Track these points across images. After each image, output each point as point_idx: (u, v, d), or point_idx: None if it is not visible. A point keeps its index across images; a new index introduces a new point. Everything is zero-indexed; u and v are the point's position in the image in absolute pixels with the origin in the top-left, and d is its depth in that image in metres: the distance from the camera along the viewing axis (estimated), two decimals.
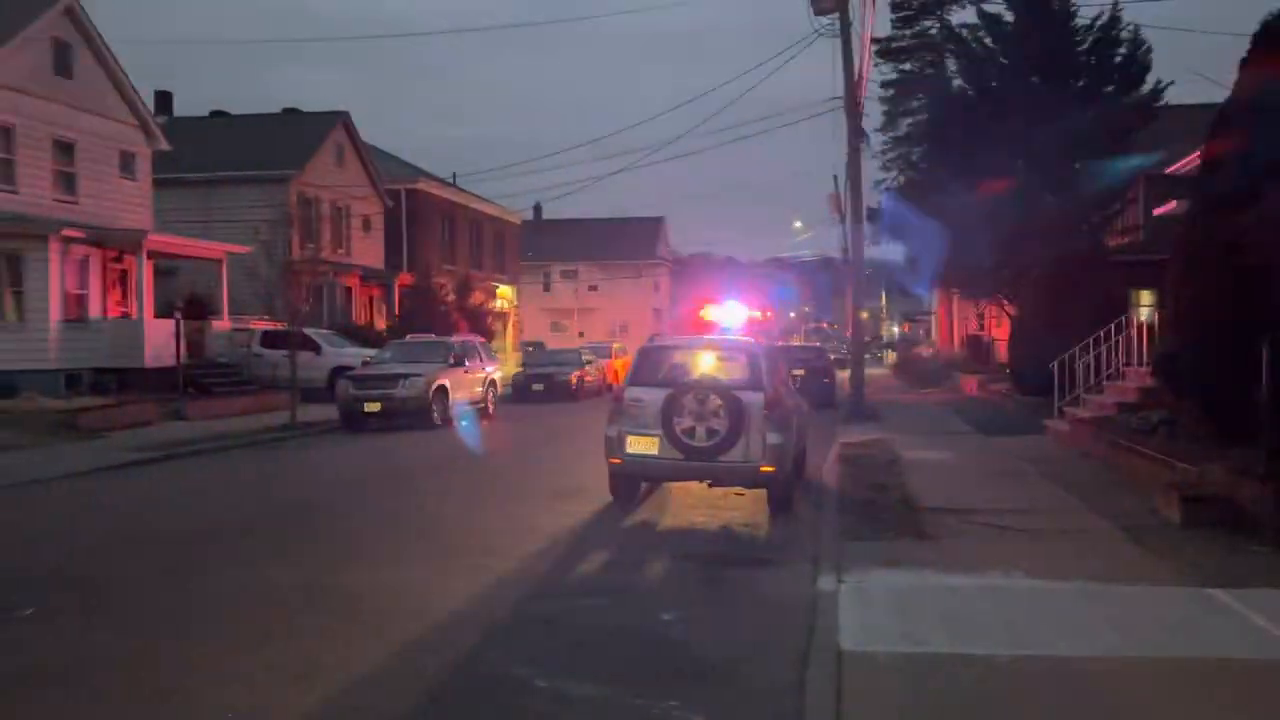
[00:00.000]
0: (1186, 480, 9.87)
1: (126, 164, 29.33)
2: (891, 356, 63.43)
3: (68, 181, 27.15)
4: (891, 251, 38.90)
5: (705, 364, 11.47)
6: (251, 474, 15.14)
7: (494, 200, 47.60)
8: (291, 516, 11.15)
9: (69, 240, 24.68)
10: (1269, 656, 5.67)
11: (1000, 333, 31.93)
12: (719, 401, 10.46)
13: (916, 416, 22.71)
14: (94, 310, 25.38)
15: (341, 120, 38.81)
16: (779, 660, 5.87)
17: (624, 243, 74.57)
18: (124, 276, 28.03)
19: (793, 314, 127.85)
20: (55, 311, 23.94)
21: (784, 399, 11.30)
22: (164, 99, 39.44)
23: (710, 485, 11.40)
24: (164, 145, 30.50)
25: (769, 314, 68.83)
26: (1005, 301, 27.95)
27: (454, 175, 46.67)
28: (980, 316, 38.60)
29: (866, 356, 29.58)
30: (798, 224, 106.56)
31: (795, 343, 73.51)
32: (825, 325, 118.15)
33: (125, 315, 26.90)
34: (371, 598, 7.32)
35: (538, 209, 67.86)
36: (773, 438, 10.57)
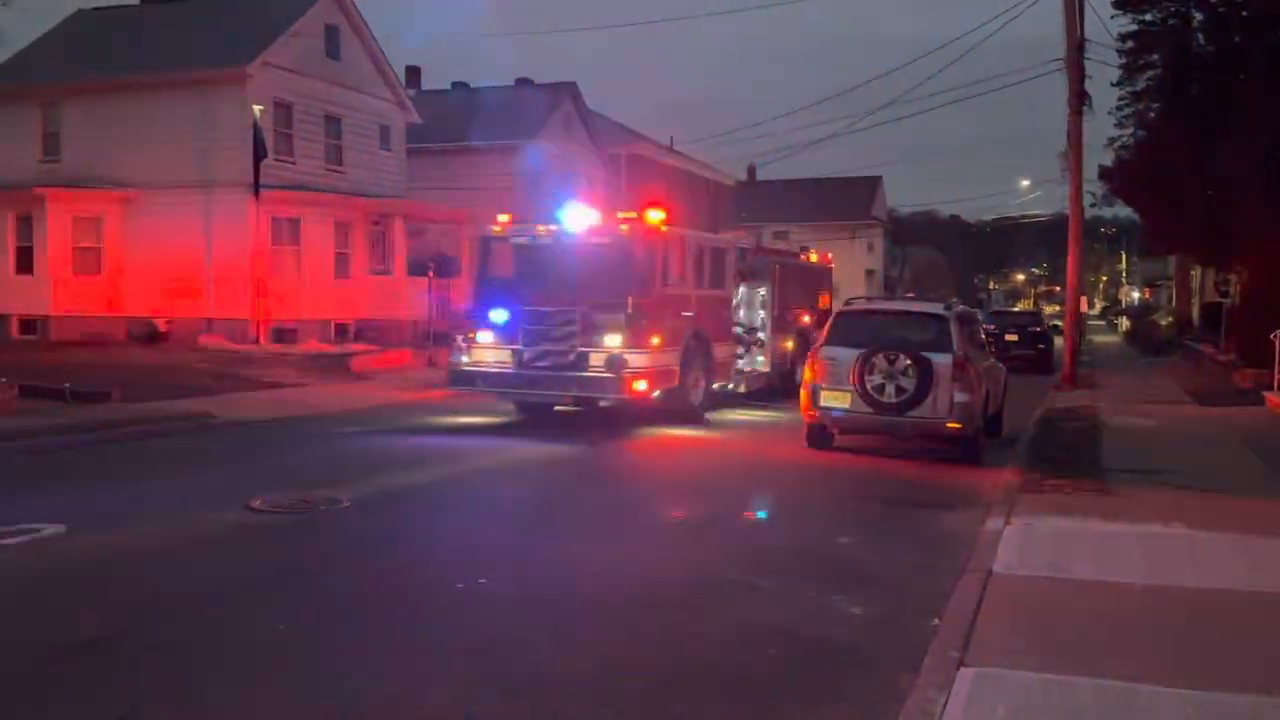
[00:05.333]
0: None
1: (384, 136, 32.65)
2: (1125, 323, 60.16)
3: (335, 153, 30.66)
4: (1130, 212, 37.11)
5: (897, 327, 12.31)
6: None
7: (710, 163, 48.87)
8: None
9: (338, 207, 28.10)
10: None
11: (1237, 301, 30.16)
12: (908, 361, 11.34)
13: (1134, 383, 22.28)
14: (356, 268, 28.77)
15: (568, 91, 41.08)
16: (934, 577, 6.90)
17: (838, 203, 73.97)
18: (381, 238, 31.45)
19: (1020, 276, 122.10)
20: (330, 269, 27.49)
21: (973, 361, 11.99)
22: (413, 74, 42.98)
23: (896, 438, 12.29)
24: (415, 118, 33.69)
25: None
26: (1239, 268, 26.52)
27: (670, 139, 48.28)
28: (1219, 283, 36.37)
29: (1101, 323, 28.82)
30: (1025, 182, 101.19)
31: (1017, 308, 70.65)
32: (1057, 290, 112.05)
33: (384, 273, 30.29)
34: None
35: (752, 170, 68.55)
36: (960, 396, 11.35)
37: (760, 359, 17.55)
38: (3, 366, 13.84)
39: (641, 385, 12.95)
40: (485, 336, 13.60)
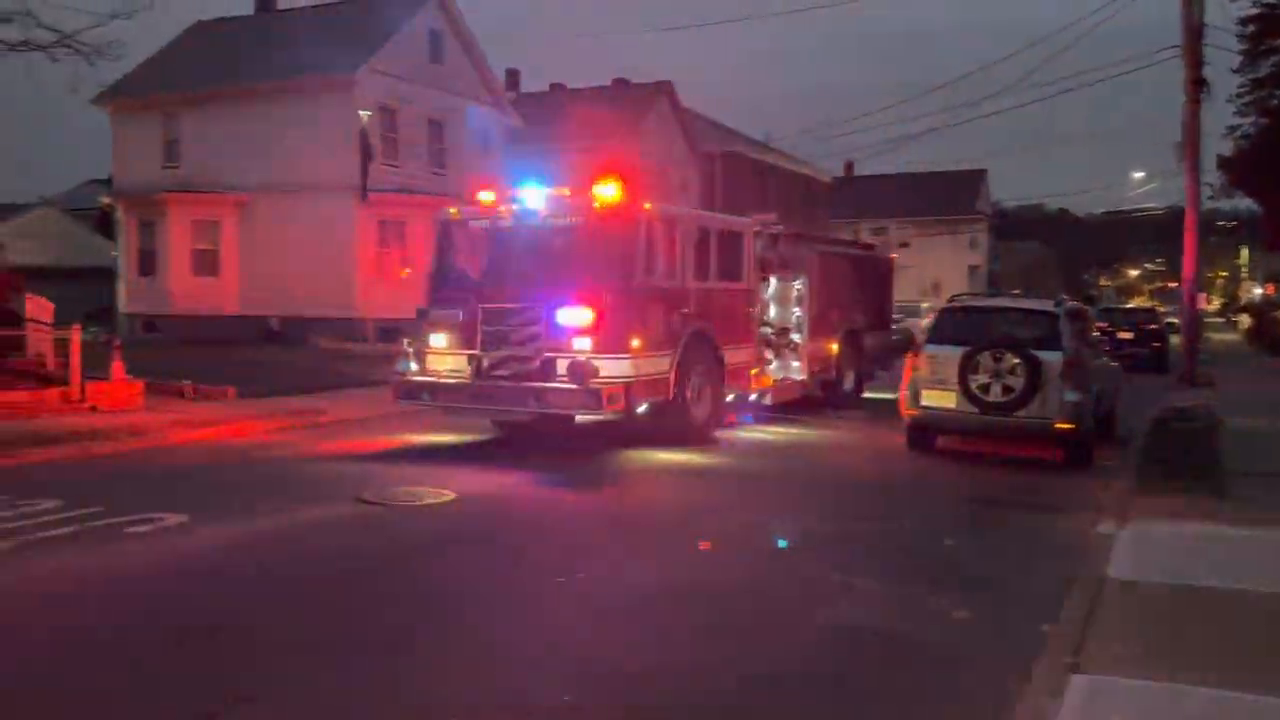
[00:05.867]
0: None
1: (485, 139, 33.26)
2: (1245, 321, 57.34)
3: (438, 156, 31.37)
4: (1250, 204, 35.39)
5: (1004, 324, 11.99)
6: None
7: (806, 160, 48.39)
8: None
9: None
10: None
11: None
12: (1015, 360, 11.04)
13: (1255, 384, 21.24)
14: None
15: (664, 90, 41.18)
16: (1045, 581, 6.71)
17: (940, 198, 72.34)
18: None
19: (1134, 271, 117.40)
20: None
21: (1084, 360, 11.61)
22: (513, 76, 43.71)
23: (1003, 439, 11.96)
24: (515, 120, 34.27)
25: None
26: None
27: (767, 135, 47.97)
28: None
29: (1220, 320, 27.62)
30: (1138, 174, 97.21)
31: (1130, 304, 67.98)
32: (1173, 286, 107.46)
33: None
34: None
35: (849, 166, 67.62)
36: (1070, 395, 10.99)
37: (795, 364, 14.74)
38: (129, 364, 14.57)
39: (617, 398, 10.47)
40: (439, 340, 11.47)
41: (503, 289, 11.29)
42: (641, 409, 10.94)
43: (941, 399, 11.54)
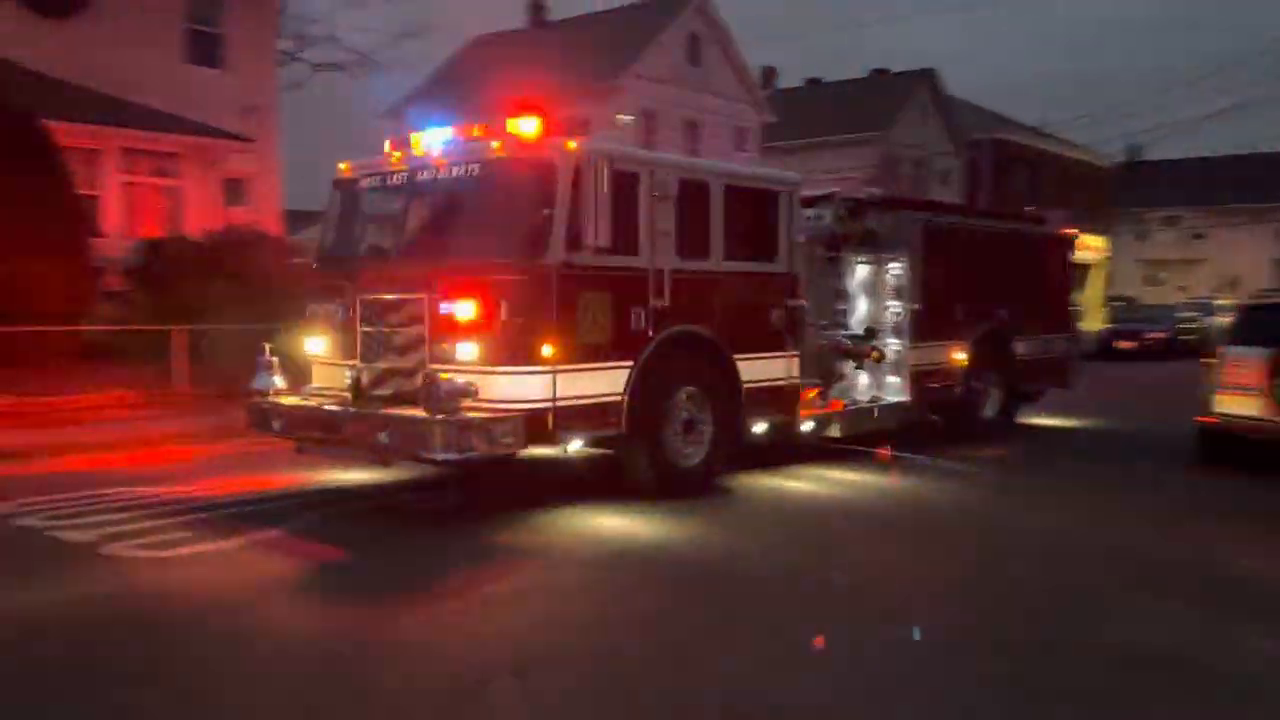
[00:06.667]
0: None
1: (740, 137, 33.58)
2: None
3: (691, 156, 32.05)
4: None
5: None
6: None
7: (1085, 145, 45.19)
8: None
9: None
10: None
11: None
12: None
13: None
14: None
15: (927, 78, 39.77)
16: None
17: (1243, 183, 65.19)
18: None
19: None
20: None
21: None
22: (768, 74, 43.67)
23: None
24: (770, 117, 34.38)
25: None
26: None
27: (1040, 121, 45.16)
28: None
29: None
30: None
31: None
32: None
33: None
34: None
35: (1134, 151, 62.35)
36: None
37: (892, 381, 10.46)
38: None
39: (509, 434, 6.83)
40: (317, 345, 8.12)
41: (386, 273, 7.75)
42: (575, 445, 7.48)
43: (1243, 406, 10.47)
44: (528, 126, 7.27)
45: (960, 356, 10.97)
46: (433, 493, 8.43)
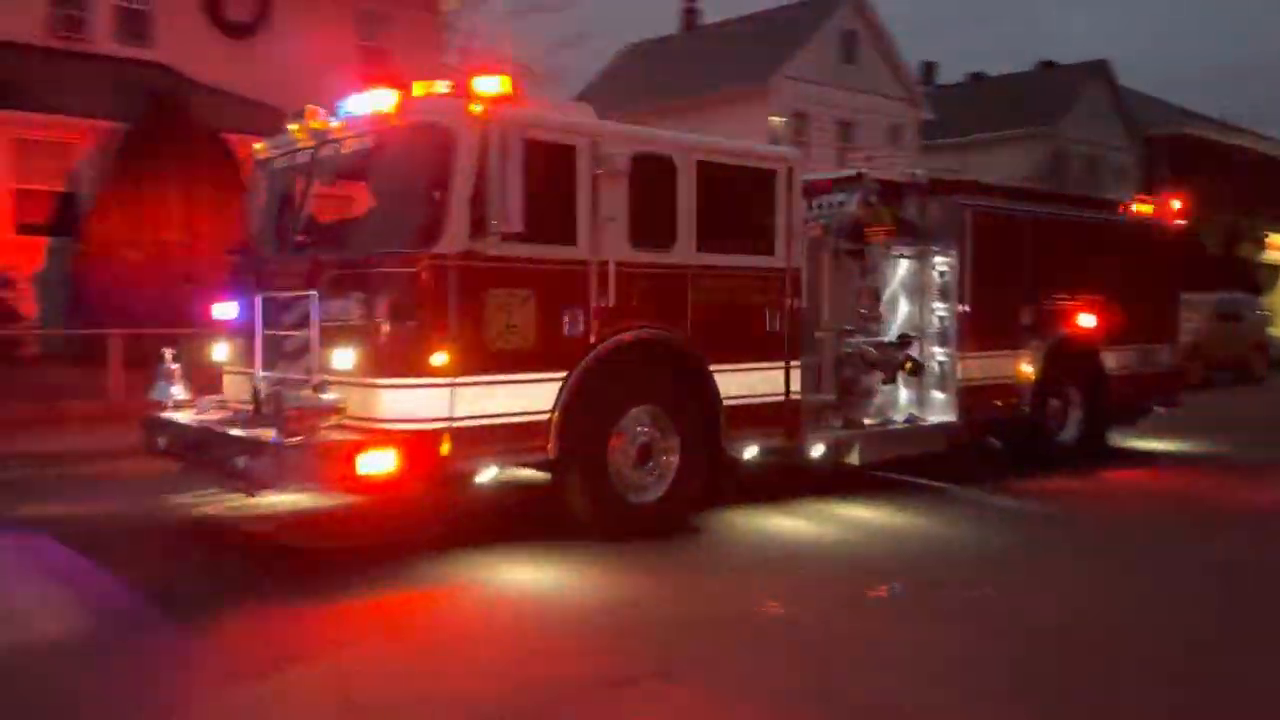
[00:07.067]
0: None
1: (895, 136, 32.25)
2: None
3: (842, 157, 31.00)
4: None
5: None
6: None
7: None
8: None
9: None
10: None
11: None
12: None
13: None
14: None
15: (1099, 70, 36.97)
16: None
17: None
18: None
19: None
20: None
21: None
22: (928, 69, 41.66)
23: None
24: (928, 115, 32.83)
25: None
26: None
27: (1222, 112, 41.10)
28: None
29: None
30: None
31: None
32: None
33: None
34: None
35: None
36: None
37: (939, 397, 8.79)
38: None
39: (376, 464, 5.66)
40: (221, 352, 7.10)
41: (281, 267, 6.68)
42: (486, 474, 6.20)
43: None
44: (436, 90, 6.05)
45: (1027, 369, 9.20)
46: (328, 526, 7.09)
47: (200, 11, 18.42)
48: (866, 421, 8.26)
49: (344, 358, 5.87)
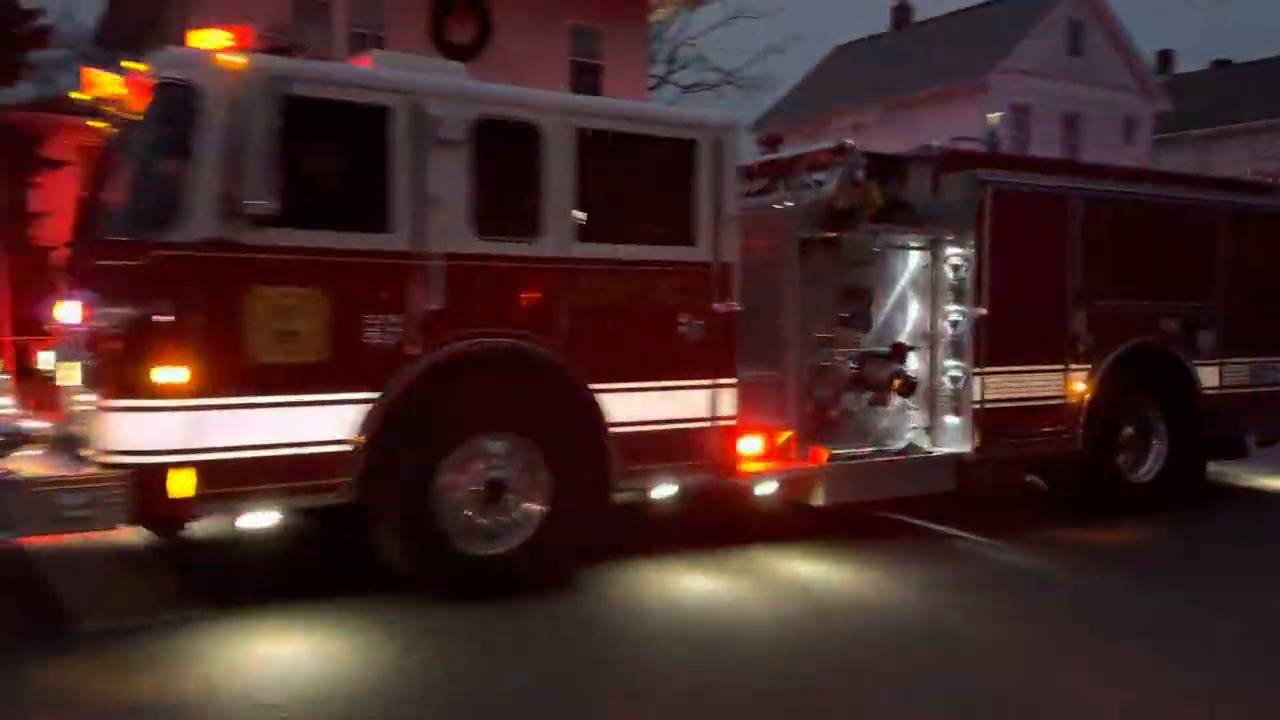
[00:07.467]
0: None
1: (1128, 130, 29.52)
2: None
3: (1072, 153, 28.46)
4: None
5: None
6: None
7: None
8: None
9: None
10: None
11: None
12: None
13: None
14: None
15: None
16: None
17: None
18: None
19: None
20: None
21: None
22: (1165, 58, 38.26)
23: None
24: (1165, 106, 29.72)
25: None
26: None
27: None
28: None
29: None
30: None
31: None
32: None
33: None
34: None
35: None
36: None
37: (953, 422, 7.01)
38: None
39: (81, 507, 4.61)
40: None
41: (71, 261, 5.90)
42: (254, 522, 5.03)
43: None
44: (197, 42, 4.90)
45: (1080, 387, 7.27)
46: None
47: (426, 34, 19.07)
48: (836, 452, 6.56)
49: (71, 372, 4.99)
